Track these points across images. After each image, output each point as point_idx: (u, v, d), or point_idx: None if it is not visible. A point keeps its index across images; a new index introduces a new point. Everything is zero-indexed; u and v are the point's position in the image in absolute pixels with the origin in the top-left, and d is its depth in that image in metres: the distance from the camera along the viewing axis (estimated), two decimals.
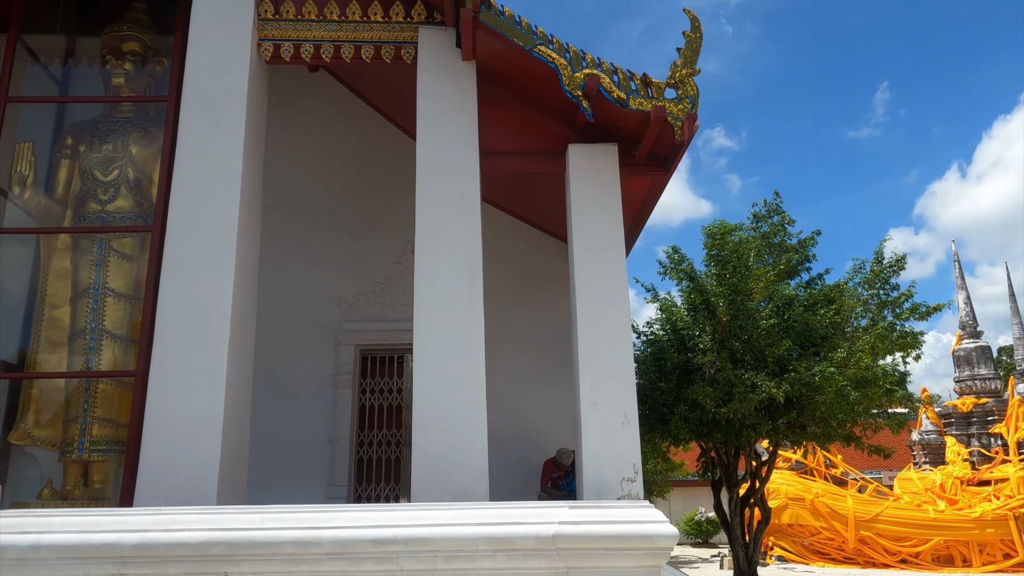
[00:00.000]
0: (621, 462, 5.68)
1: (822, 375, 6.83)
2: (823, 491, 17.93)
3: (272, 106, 9.41)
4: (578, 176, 6.33)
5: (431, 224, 6.07)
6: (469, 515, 4.09)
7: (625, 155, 6.51)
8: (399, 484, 8.47)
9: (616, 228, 6.21)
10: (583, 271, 6.12)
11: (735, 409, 6.94)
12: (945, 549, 17.03)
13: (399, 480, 8.48)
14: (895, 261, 8.12)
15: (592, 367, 5.89)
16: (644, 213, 7.49)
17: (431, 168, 6.20)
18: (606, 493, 5.61)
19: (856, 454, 29.67)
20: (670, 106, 5.92)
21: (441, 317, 5.87)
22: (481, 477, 5.55)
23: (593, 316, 6.01)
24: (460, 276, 5.97)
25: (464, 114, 6.33)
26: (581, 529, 3.99)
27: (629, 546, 3.98)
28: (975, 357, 19.91)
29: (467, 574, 4.02)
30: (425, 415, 5.67)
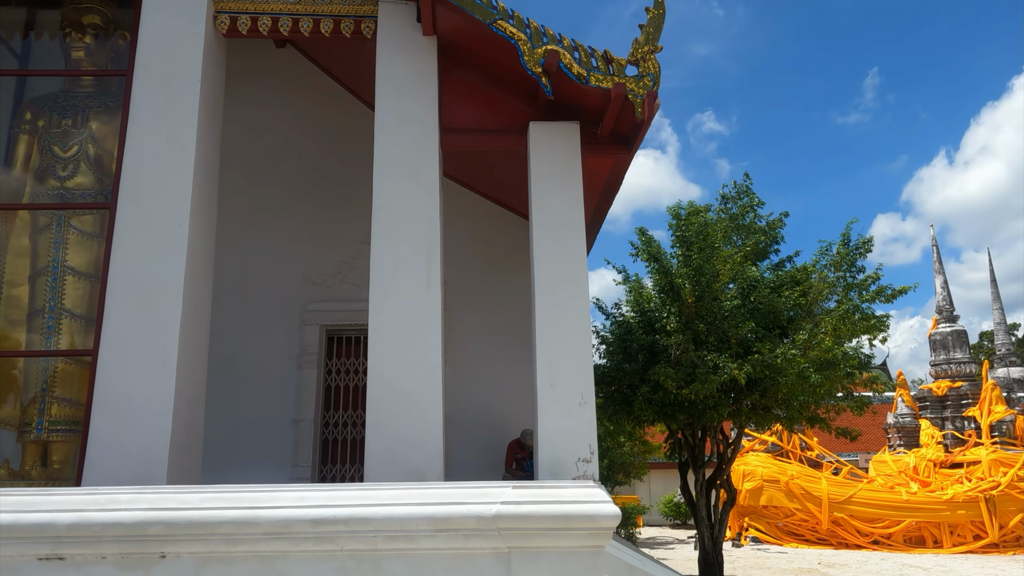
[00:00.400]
0: (577, 443, 5.63)
1: (784, 357, 6.82)
2: (798, 473, 18.08)
3: (239, 82, 9.29)
4: (539, 154, 6.24)
5: (388, 202, 5.98)
6: (410, 495, 4.06)
7: (588, 133, 6.42)
8: (364, 465, 8.40)
9: (576, 207, 6.14)
10: (542, 250, 6.05)
11: (697, 390, 6.92)
12: (917, 530, 17.24)
13: (364, 461, 8.42)
14: (861, 243, 8.10)
15: (549, 348, 5.83)
16: (610, 192, 7.42)
17: (389, 146, 6.09)
18: (562, 474, 5.57)
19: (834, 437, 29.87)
20: (631, 84, 5.82)
21: (397, 297, 5.78)
22: (436, 457, 5.49)
23: (551, 296, 5.94)
24: (417, 255, 5.88)
25: (424, 91, 6.22)
26: (522, 509, 3.97)
27: (571, 526, 3.96)
28: (951, 341, 20.06)
29: (408, 554, 3.99)
30: (379, 395, 5.60)
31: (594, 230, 8.89)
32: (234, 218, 8.81)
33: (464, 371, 8.71)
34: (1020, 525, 16.88)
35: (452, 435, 8.75)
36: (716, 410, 7.30)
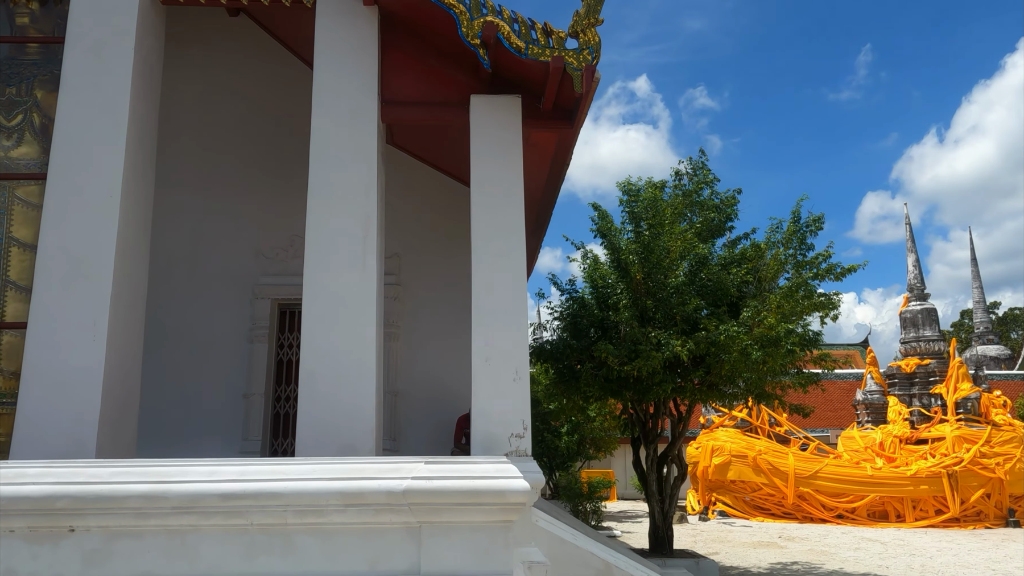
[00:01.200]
0: (511, 418, 5.65)
1: (727, 334, 6.83)
2: (766, 448, 18.27)
3: (193, 51, 9.14)
4: (480, 128, 6.17)
5: (325, 176, 5.91)
6: (321, 470, 4.04)
7: (531, 107, 6.35)
8: (296, 438, 8.41)
9: (516, 182, 6.09)
10: (480, 225, 6.02)
11: (640, 367, 6.94)
12: (880, 505, 17.51)
13: (296, 434, 8.42)
14: (812, 221, 8.10)
15: (485, 322, 5.83)
16: (558, 168, 7.36)
17: (326, 118, 6.01)
18: (495, 449, 5.59)
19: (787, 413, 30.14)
20: (570, 57, 5.75)
21: (333, 270, 5.74)
22: (369, 432, 5.49)
23: (488, 271, 5.92)
24: (354, 230, 5.82)
25: (364, 62, 6.12)
26: (432, 484, 3.96)
27: (481, 501, 3.96)
28: (921, 319, 20.22)
29: (319, 529, 3.99)
30: (313, 370, 5.58)
31: (548, 206, 8.84)
32: (186, 190, 8.70)
33: (417, 346, 8.69)
34: (981, 500, 17.18)
35: (404, 410, 8.78)
36: (660, 387, 7.32)
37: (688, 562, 8.42)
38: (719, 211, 8.53)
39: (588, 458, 19.06)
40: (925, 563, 11.07)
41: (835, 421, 28.62)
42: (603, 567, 5.56)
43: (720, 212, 8.52)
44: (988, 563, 11.11)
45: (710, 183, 8.63)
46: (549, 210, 9.05)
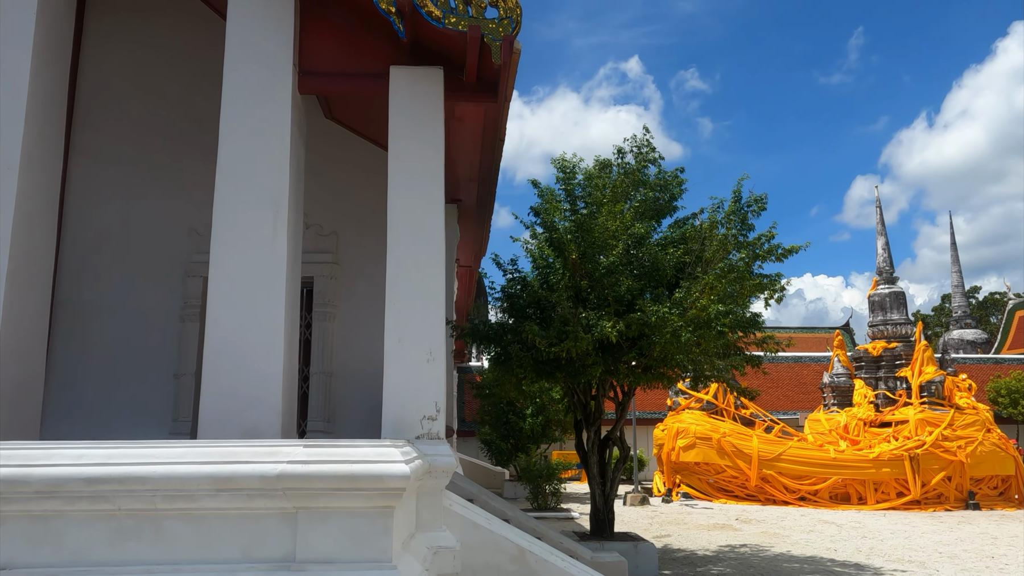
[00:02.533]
0: (423, 400, 5.50)
1: (658, 315, 6.70)
2: (730, 431, 18.28)
3: (126, 21, 8.85)
4: (398, 100, 5.96)
5: (235, 150, 5.69)
6: (193, 453, 3.87)
7: (455, 80, 6.16)
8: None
9: (436, 157, 5.89)
10: (397, 200, 5.82)
11: (568, 348, 6.80)
12: (843, 487, 17.58)
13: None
14: (753, 200, 7.95)
15: (399, 302, 5.66)
16: (491, 144, 7.17)
17: (238, 88, 5.78)
18: (406, 432, 5.44)
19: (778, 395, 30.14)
20: (488, 26, 5.54)
21: (240, 249, 5.54)
22: (274, 413, 5.33)
23: (403, 249, 5.74)
24: (263, 206, 5.61)
25: (280, 30, 5.88)
26: (308, 469, 3.80)
27: (358, 486, 3.80)
28: (889, 303, 20.23)
29: (190, 514, 3.82)
30: (218, 349, 5.40)
31: (490, 183, 8.66)
32: (116, 164, 8.45)
33: (355, 326, 8.51)
34: (942, 483, 17.28)
35: (340, 391, 8.61)
36: (591, 368, 7.19)
37: (627, 545, 8.35)
38: (664, 190, 8.37)
39: (553, 440, 19.00)
40: (874, 545, 11.08)
41: (808, 404, 28.75)
42: (517, 552, 5.44)
43: (664, 191, 8.36)
44: (937, 545, 11.14)
45: (654, 161, 8.46)
46: (491, 188, 8.87)
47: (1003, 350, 44.96)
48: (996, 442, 17.90)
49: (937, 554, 10.34)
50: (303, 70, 6.06)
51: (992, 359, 35.42)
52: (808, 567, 9.13)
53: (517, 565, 5.44)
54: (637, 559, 8.27)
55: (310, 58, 6.11)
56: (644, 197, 7.96)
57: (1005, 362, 34.33)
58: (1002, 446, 17.92)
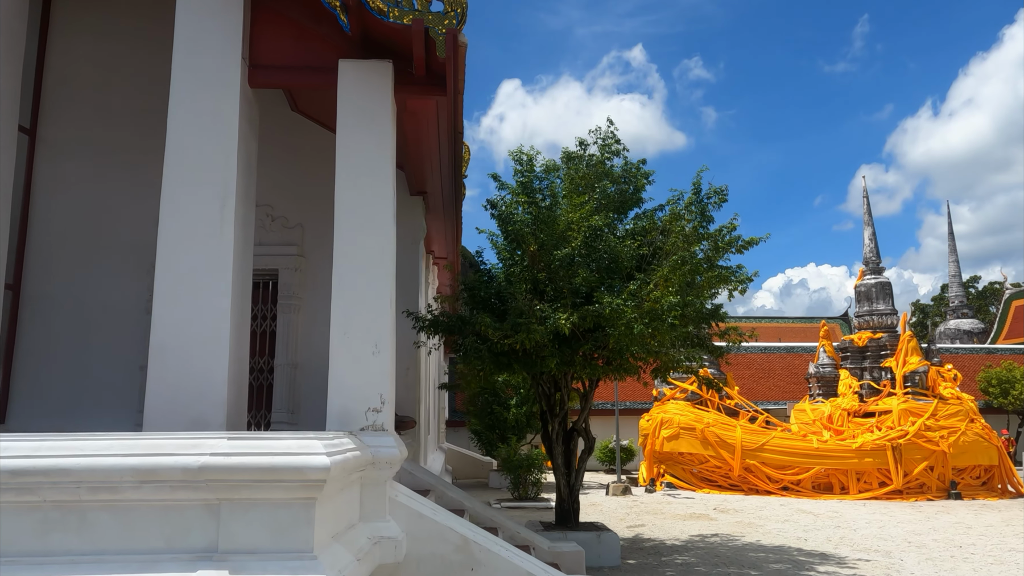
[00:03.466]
0: (369, 392, 5.55)
1: (612, 307, 6.72)
2: (714, 421, 18.33)
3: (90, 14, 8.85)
4: (347, 93, 5.98)
5: (182, 141, 5.70)
6: (117, 445, 3.92)
7: (406, 73, 6.17)
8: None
9: (384, 150, 5.91)
10: (344, 194, 5.85)
11: (522, 340, 6.84)
12: (825, 477, 17.64)
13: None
14: (713, 192, 7.96)
15: (345, 295, 5.70)
16: (447, 136, 7.17)
17: (186, 79, 5.79)
18: (350, 424, 5.49)
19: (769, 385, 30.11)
20: (432, 19, 5.55)
21: (187, 241, 5.57)
22: (219, 405, 5.37)
23: (350, 242, 5.77)
24: (211, 199, 5.63)
25: (228, 21, 5.88)
26: (229, 461, 3.85)
27: (279, 478, 3.85)
28: (875, 293, 20.22)
29: (115, 505, 3.87)
30: (164, 342, 5.44)
31: (454, 175, 8.66)
32: (82, 157, 8.48)
33: (320, 320, 8.55)
34: (924, 473, 17.33)
35: (304, 383, 8.66)
36: (546, 360, 7.22)
37: (590, 535, 8.42)
38: (628, 182, 8.38)
39: (538, 430, 19.04)
40: (846, 535, 11.14)
41: (800, 394, 28.80)
42: (461, 542, 5.49)
43: (628, 183, 8.37)
44: (908, 535, 11.19)
45: (618, 153, 8.45)
46: (458, 180, 8.88)
47: (999, 340, 45.02)
48: (979, 432, 17.94)
49: (906, 543, 10.40)
50: (253, 63, 6.08)
51: (985, 349, 35.44)
52: (773, 556, 9.19)
53: (462, 555, 5.49)
54: (600, 549, 8.33)
55: (261, 51, 6.12)
56: (605, 189, 7.96)
57: (998, 352, 34.36)
58: (985, 436, 17.95)
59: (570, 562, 7.23)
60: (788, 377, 30.62)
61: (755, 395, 30.26)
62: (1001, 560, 9.16)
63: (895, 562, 8.94)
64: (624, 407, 27.86)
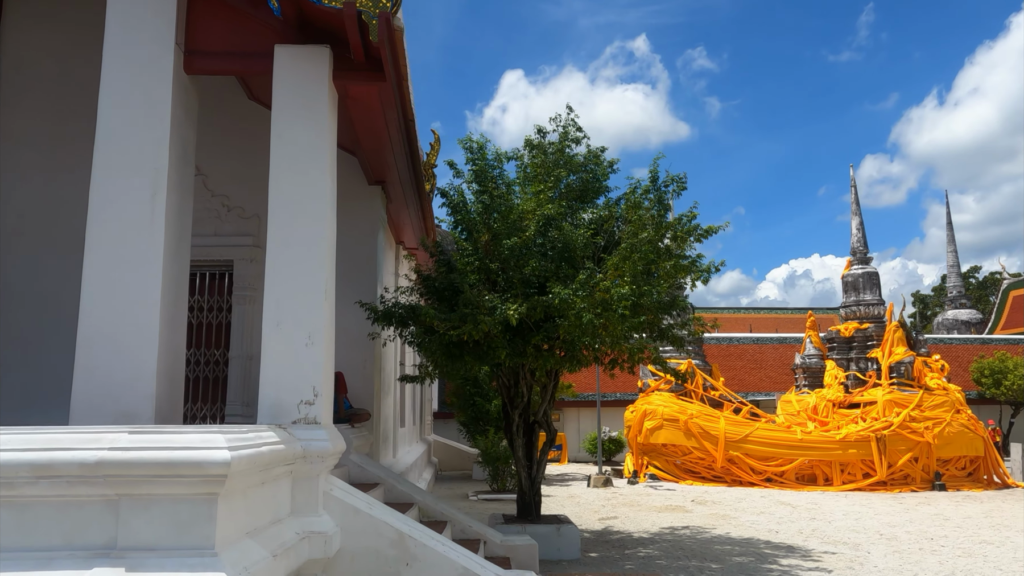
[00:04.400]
0: (301, 384, 5.45)
1: (561, 297, 6.60)
2: (698, 412, 18.23)
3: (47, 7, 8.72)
4: (283, 79, 5.86)
5: (112, 128, 5.60)
6: (13, 440, 3.82)
7: (346, 59, 6.05)
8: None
9: (320, 137, 5.79)
10: (279, 182, 5.73)
11: (469, 331, 6.72)
12: (809, 469, 17.55)
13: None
14: (670, 180, 7.81)
15: (278, 285, 5.60)
16: (396, 123, 7.03)
17: (117, 65, 5.68)
18: (282, 416, 5.40)
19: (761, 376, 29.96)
20: (366, 3, 5.42)
21: (116, 231, 5.47)
22: (147, 398, 5.28)
23: (284, 232, 5.66)
24: (141, 189, 5.53)
25: (162, 6, 5.76)
26: (127, 456, 3.75)
27: (178, 473, 3.75)
28: (862, 283, 20.08)
29: (11, 501, 3.78)
30: (91, 335, 5.36)
31: (413, 164, 8.53)
32: (38, 147, 8.36)
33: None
34: (909, 464, 17.23)
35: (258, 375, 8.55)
36: (496, 351, 7.11)
37: (550, 528, 8.33)
38: (588, 170, 8.24)
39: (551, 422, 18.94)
40: (819, 527, 11.04)
41: (790, 385, 28.70)
42: (396, 536, 5.41)
43: (588, 171, 8.23)
44: (883, 527, 11.10)
45: (578, 141, 8.31)
46: (417, 169, 8.75)
47: (997, 330, 44.87)
48: (965, 423, 17.81)
49: (877, 535, 10.30)
50: (190, 50, 5.95)
51: (980, 339, 35.29)
52: (739, 549, 9.10)
53: (397, 549, 5.40)
54: (559, 542, 8.25)
55: (198, 37, 6.00)
56: (561, 178, 7.82)
57: (992, 342, 34.22)
58: (971, 427, 17.83)
59: (523, 556, 7.14)
60: (780, 368, 30.51)
61: (747, 386, 30.19)
62: (970, 552, 9.06)
63: (861, 555, 8.85)
64: (614, 398, 27.81)
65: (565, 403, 26.81)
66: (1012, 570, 8.07)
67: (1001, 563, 8.42)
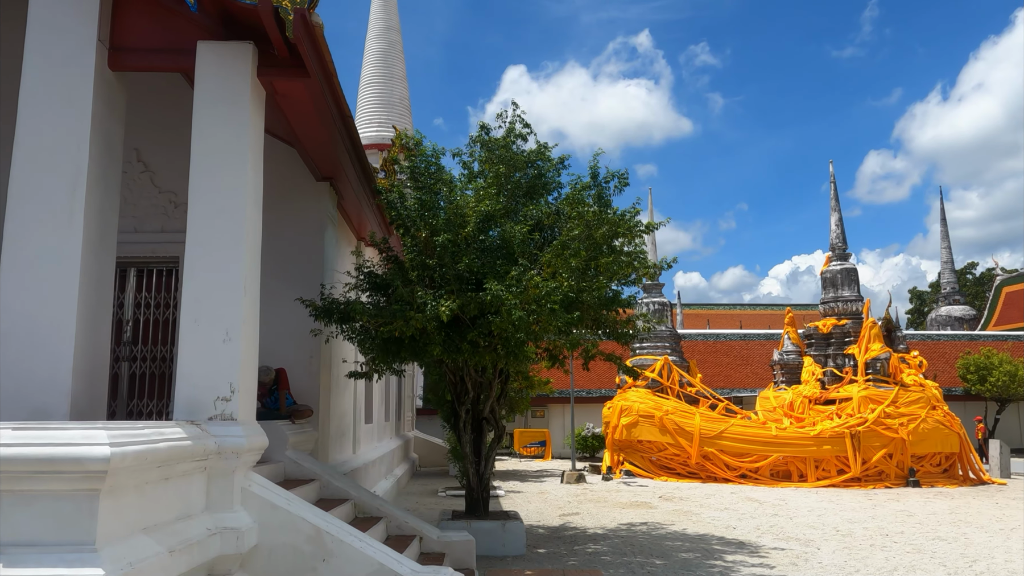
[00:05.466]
0: (218, 381, 5.46)
1: (492, 293, 6.60)
2: (673, 409, 18.24)
3: None
4: (204, 76, 5.85)
5: (31, 124, 5.60)
6: None
7: (271, 56, 6.03)
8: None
9: (243, 134, 5.79)
10: (198, 179, 5.74)
11: (399, 328, 6.73)
12: (784, 465, 17.55)
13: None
14: (610, 177, 7.80)
15: (196, 282, 5.60)
16: (331, 120, 7.02)
17: (38, 61, 5.67)
18: (199, 413, 5.41)
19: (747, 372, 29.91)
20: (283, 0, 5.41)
21: (33, 227, 5.47)
22: (63, 395, 5.29)
23: (203, 229, 5.67)
24: (60, 185, 5.53)
25: (85, 1, 5.75)
26: (6, 452, 3.76)
27: (58, 469, 3.76)
28: (840, 279, 20.07)
29: None
30: (8, 331, 5.35)
31: (360, 160, 8.53)
32: None
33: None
34: (883, 460, 17.24)
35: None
36: (429, 348, 7.11)
37: (495, 524, 8.34)
38: (534, 167, 8.23)
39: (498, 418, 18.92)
40: (778, 523, 11.06)
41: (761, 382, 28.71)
42: (313, 532, 5.42)
43: (535, 168, 8.22)
44: (843, 523, 11.11)
45: (524, 137, 8.30)
46: (364, 165, 8.75)
47: (989, 326, 44.87)
48: (940, 419, 17.82)
49: (834, 531, 10.31)
50: (115, 46, 5.95)
51: (968, 335, 35.28)
52: (689, 545, 9.12)
53: (313, 545, 5.41)
54: (505, 538, 8.26)
55: (123, 33, 5.99)
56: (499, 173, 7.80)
57: (980, 338, 34.20)
58: (947, 423, 17.83)
59: (459, 551, 7.16)
60: (768, 364, 30.52)
61: (734, 382, 30.22)
62: (920, 549, 9.07)
63: (810, 551, 8.86)
64: (599, 394, 27.82)
65: (550, 399, 26.83)
66: (956, 567, 8.08)
67: (947, 559, 8.43)
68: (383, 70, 29.37)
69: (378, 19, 30.11)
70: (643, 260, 7.77)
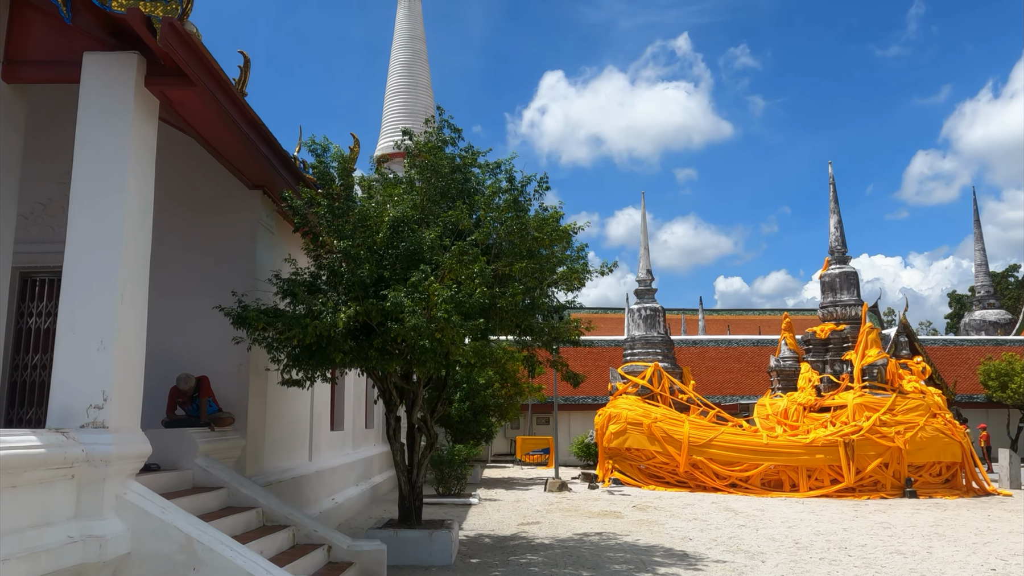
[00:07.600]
0: (92, 388, 5.49)
1: (393, 301, 6.54)
2: (662, 416, 17.96)
3: None
4: (89, 86, 5.91)
5: None
6: None
7: (160, 65, 6.07)
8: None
9: (125, 144, 5.83)
10: (79, 187, 5.79)
11: (296, 336, 6.70)
12: (775, 474, 17.14)
13: None
14: (528, 180, 7.68)
15: (72, 291, 5.64)
16: (237, 127, 7.03)
17: None
18: (71, 420, 5.44)
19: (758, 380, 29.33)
20: (152, 8, 5.44)
21: None
22: None
23: (82, 238, 5.72)
24: None
25: None
26: None
27: None
28: (839, 283, 19.57)
29: None
30: None
31: (289, 168, 8.54)
32: None
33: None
34: (878, 470, 16.72)
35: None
36: (330, 355, 7.07)
37: (422, 534, 8.26)
38: (459, 171, 8.15)
39: (487, 426, 18.85)
40: (739, 535, 10.77)
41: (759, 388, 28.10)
42: (185, 541, 5.41)
43: (461, 172, 8.14)
44: (809, 535, 10.77)
45: (453, 141, 8.23)
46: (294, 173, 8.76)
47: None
48: (941, 427, 17.22)
49: (792, 544, 10.00)
50: (9, 59, 6.05)
51: (993, 340, 34.18)
52: (628, 556, 8.92)
53: (184, 554, 5.40)
54: (431, 547, 8.17)
55: (16, 47, 6.09)
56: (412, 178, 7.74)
57: (1005, 344, 33.07)
58: (947, 432, 17.23)
59: (368, 561, 7.10)
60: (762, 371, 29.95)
61: (743, 389, 29.67)
62: (871, 563, 8.74)
63: (754, 564, 8.59)
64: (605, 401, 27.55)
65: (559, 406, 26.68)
66: None
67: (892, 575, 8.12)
68: (408, 79, 29.60)
69: (403, 29, 30.37)
70: (577, 267, 7.61)
